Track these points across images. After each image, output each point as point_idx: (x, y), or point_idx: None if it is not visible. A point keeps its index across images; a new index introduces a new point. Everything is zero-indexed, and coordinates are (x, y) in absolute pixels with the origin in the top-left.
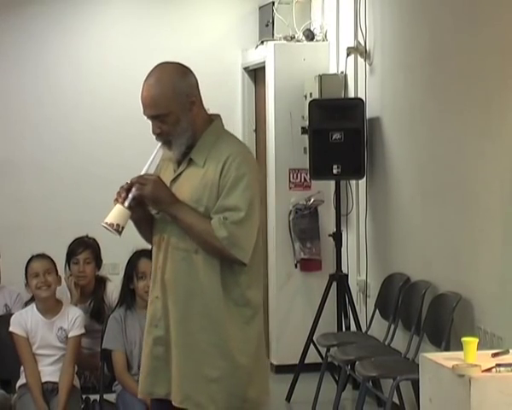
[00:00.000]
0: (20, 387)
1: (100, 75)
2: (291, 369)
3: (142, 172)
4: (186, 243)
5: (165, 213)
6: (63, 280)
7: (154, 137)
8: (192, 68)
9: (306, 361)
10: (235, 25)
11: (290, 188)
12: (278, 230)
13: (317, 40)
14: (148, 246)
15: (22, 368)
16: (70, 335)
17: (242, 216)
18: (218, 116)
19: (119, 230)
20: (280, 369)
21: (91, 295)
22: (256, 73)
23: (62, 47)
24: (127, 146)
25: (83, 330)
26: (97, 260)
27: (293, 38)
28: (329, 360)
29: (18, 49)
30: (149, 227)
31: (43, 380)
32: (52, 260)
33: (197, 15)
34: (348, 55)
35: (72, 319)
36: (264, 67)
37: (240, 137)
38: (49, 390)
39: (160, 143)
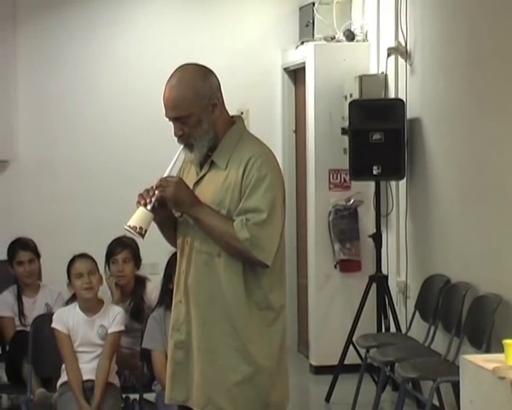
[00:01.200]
0: (60, 385)
1: (138, 76)
2: (330, 370)
3: (165, 175)
4: (209, 246)
5: (187, 215)
6: (104, 280)
7: (176, 139)
8: (232, 69)
9: (346, 362)
10: (276, 25)
11: (330, 188)
12: (318, 230)
13: (357, 40)
14: None
15: (63, 367)
16: (110, 331)
17: (264, 217)
18: (239, 117)
19: (142, 233)
20: (319, 370)
21: (131, 294)
22: (296, 74)
23: (101, 48)
24: (164, 147)
25: (122, 327)
26: (136, 260)
27: (333, 38)
28: (369, 361)
29: (58, 50)
30: (173, 230)
31: (84, 378)
32: (94, 259)
33: (237, 16)
34: (389, 55)
35: (113, 316)
36: (304, 68)
37: (279, 137)
38: (90, 389)
39: (181, 146)
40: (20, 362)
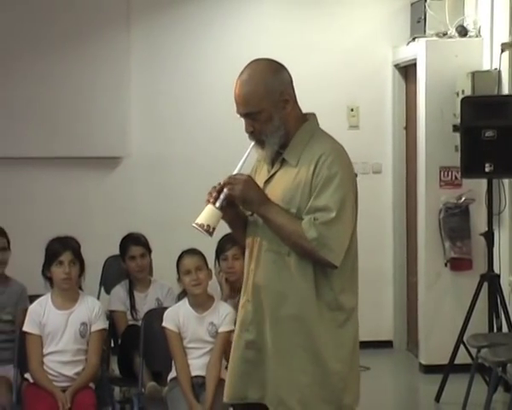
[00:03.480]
0: (171, 380)
1: None
2: (440, 369)
3: (235, 172)
4: (278, 245)
5: (255, 213)
6: (214, 276)
7: (247, 135)
8: (342, 66)
9: (456, 362)
10: (387, 21)
11: (441, 186)
12: (428, 228)
13: (470, 36)
14: None
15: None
16: (220, 330)
17: (333, 217)
18: (312, 115)
19: (209, 230)
20: (429, 369)
21: (240, 290)
22: (407, 70)
23: (213, 45)
24: None
25: (232, 327)
26: None
27: (445, 34)
28: (480, 361)
29: (170, 48)
30: (243, 229)
31: (193, 374)
32: (202, 254)
33: (348, 12)
34: (502, 51)
35: (223, 314)
36: (415, 64)
37: (390, 134)
38: (199, 384)
39: (252, 143)
40: (132, 356)
